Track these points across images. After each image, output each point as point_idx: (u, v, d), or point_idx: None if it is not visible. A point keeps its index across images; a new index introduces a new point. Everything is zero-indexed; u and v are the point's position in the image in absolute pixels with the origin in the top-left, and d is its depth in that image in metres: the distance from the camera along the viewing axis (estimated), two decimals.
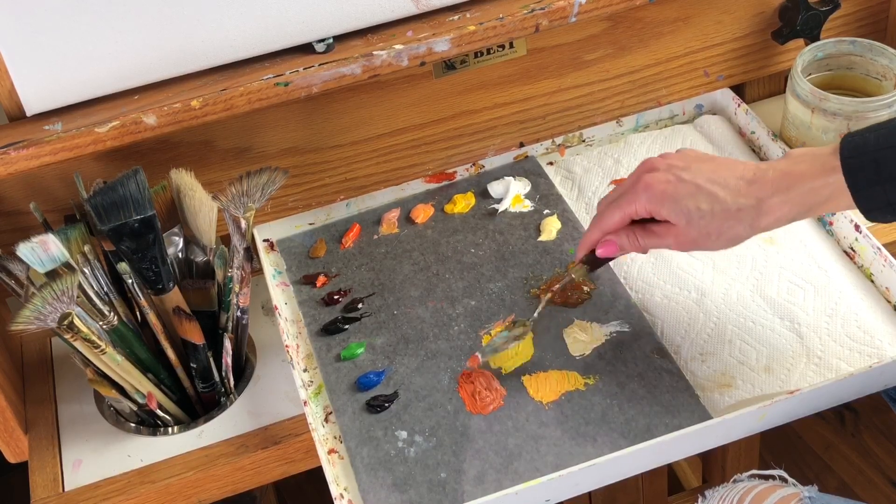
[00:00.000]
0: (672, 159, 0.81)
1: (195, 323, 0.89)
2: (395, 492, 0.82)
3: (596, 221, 0.84)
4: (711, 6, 1.09)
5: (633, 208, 0.81)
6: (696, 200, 0.78)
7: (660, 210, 0.79)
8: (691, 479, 1.45)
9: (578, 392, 0.88)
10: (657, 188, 0.79)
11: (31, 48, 0.86)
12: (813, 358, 0.88)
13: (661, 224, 0.80)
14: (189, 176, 0.90)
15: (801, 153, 0.78)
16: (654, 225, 0.81)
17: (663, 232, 0.80)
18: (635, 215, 0.81)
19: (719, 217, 0.77)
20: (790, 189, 0.76)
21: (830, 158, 0.75)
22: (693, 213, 0.78)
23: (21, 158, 0.86)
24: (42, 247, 0.83)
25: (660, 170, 0.80)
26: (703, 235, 0.79)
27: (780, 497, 0.82)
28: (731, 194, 0.77)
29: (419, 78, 1.03)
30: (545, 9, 0.95)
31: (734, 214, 0.77)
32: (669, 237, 0.80)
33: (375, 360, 0.93)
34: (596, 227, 0.84)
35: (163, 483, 0.89)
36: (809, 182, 0.75)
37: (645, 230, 0.82)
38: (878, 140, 0.73)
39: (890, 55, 1.05)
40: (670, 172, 0.79)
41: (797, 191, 0.76)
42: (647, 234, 0.82)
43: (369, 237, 1.05)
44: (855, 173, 0.73)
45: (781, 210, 0.77)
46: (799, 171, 0.76)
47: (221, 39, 0.91)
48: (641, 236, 0.82)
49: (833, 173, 0.74)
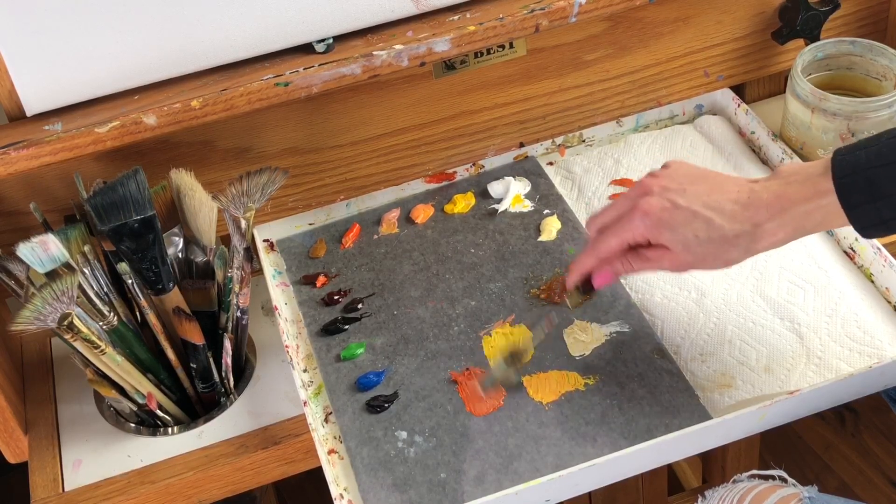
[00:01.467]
0: (664, 180, 0.80)
1: (195, 323, 0.89)
2: (395, 492, 0.82)
3: (591, 248, 0.84)
4: (711, 6, 1.09)
5: (630, 235, 0.80)
6: (692, 228, 0.78)
7: (658, 237, 0.79)
8: (691, 479, 1.45)
9: (578, 392, 0.88)
10: (654, 215, 0.79)
11: (31, 48, 0.86)
12: (813, 358, 0.88)
13: (657, 249, 0.80)
14: (189, 176, 0.90)
15: (791, 171, 0.77)
16: (648, 250, 0.81)
17: (658, 257, 0.80)
18: (632, 241, 0.81)
19: (716, 243, 0.77)
20: (784, 213, 0.76)
21: (822, 180, 0.75)
22: (690, 241, 0.78)
23: (21, 158, 0.86)
24: (42, 247, 0.83)
25: (654, 194, 0.79)
26: (699, 260, 0.79)
27: (780, 497, 0.82)
28: (727, 220, 0.77)
29: (419, 78, 1.03)
30: (545, 9, 0.95)
31: (731, 240, 0.77)
32: (665, 261, 0.80)
33: (375, 361, 0.93)
34: (592, 253, 0.84)
35: (163, 483, 0.89)
36: (803, 205, 0.75)
37: (639, 256, 0.81)
38: (870, 158, 0.73)
39: (890, 55, 1.05)
40: (664, 197, 0.79)
41: (791, 214, 0.76)
42: (642, 259, 0.81)
43: (369, 237, 1.05)
44: (848, 194, 0.73)
45: (777, 235, 0.77)
46: (792, 194, 0.76)
47: (221, 39, 0.91)
48: (636, 262, 0.82)
49: (826, 195, 0.74)
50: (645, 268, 0.82)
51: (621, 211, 0.82)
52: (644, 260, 0.81)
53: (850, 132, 1.02)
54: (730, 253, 0.78)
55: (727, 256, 0.78)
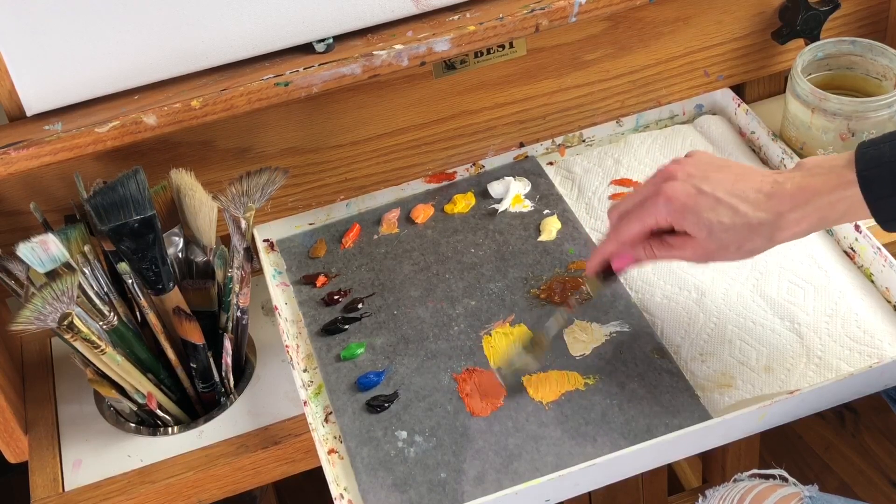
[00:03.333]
0: (688, 167, 0.80)
1: (195, 323, 0.89)
2: (395, 492, 0.82)
3: (613, 233, 0.83)
4: (711, 6, 1.09)
5: (653, 220, 0.80)
6: (717, 213, 0.77)
7: (682, 222, 0.78)
8: (691, 479, 1.45)
9: (578, 392, 0.88)
10: (678, 200, 0.78)
11: (31, 48, 0.86)
12: (813, 358, 0.88)
13: (679, 236, 0.80)
14: (189, 176, 0.90)
15: (815, 163, 0.77)
16: (671, 237, 0.80)
17: (681, 244, 0.80)
18: (655, 227, 0.80)
19: (740, 230, 0.77)
20: (807, 203, 0.76)
21: (846, 171, 0.75)
22: (714, 226, 0.77)
23: (21, 158, 0.86)
24: (42, 247, 0.83)
25: (678, 179, 0.79)
26: (722, 248, 0.78)
27: (781, 497, 0.82)
28: (751, 208, 0.77)
29: (419, 78, 1.03)
30: (545, 9, 0.95)
31: (754, 228, 0.77)
32: (687, 249, 0.80)
33: (375, 361, 0.93)
34: (613, 238, 0.83)
35: (163, 483, 0.89)
36: (826, 196, 0.75)
37: (662, 242, 0.81)
38: (894, 151, 0.73)
39: (890, 55, 1.05)
40: (689, 183, 0.78)
41: (814, 205, 0.76)
42: (664, 245, 0.81)
43: (369, 237, 1.05)
44: (871, 186, 0.73)
45: (800, 225, 0.77)
46: (815, 185, 0.76)
47: (221, 39, 0.91)
48: (658, 248, 0.81)
49: (849, 187, 0.74)
50: (667, 255, 0.81)
51: (645, 196, 0.81)
52: (667, 246, 0.80)
53: (850, 132, 1.02)
54: (753, 241, 0.77)
55: (750, 245, 0.78)
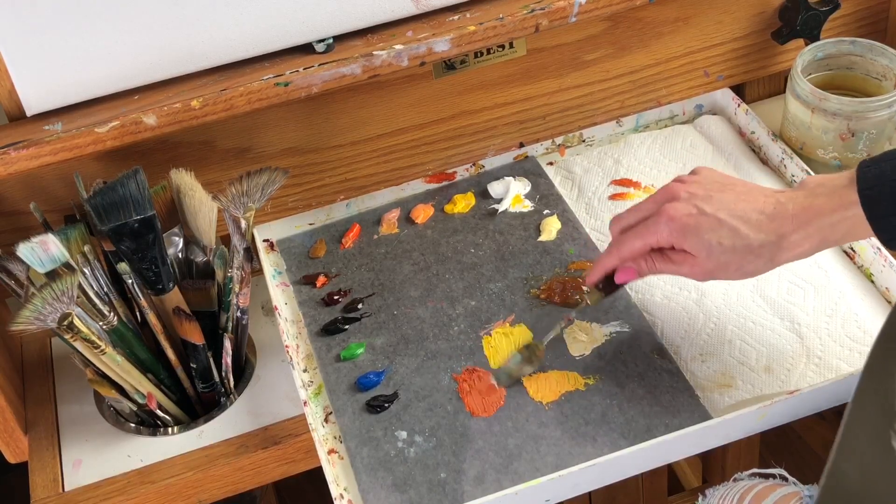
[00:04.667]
0: (692, 187, 0.81)
1: (195, 323, 0.89)
2: (395, 492, 0.82)
3: (614, 248, 0.84)
4: (711, 6, 1.09)
5: (654, 238, 0.81)
6: (717, 235, 0.78)
7: (682, 242, 0.79)
8: (691, 479, 1.45)
9: (578, 392, 0.88)
10: (679, 220, 0.79)
11: (31, 48, 0.86)
12: (813, 358, 0.88)
13: (680, 253, 0.81)
14: (189, 176, 0.90)
15: (817, 183, 0.78)
16: (672, 253, 0.81)
17: (681, 260, 0.81)
18: (656, 245, 0.81)
19: (740, 252, 0.78)
20: (810, 224, 0.76)
21: (848, 191, 0.75)
22: (714, 248, 0.78)
23: (21, 158, 0.86)
24: (42, 247, 0.83)
25: (681, 199, 0.80)
26: (721, 268, 0.79)
27: (781, 496, 0.82)
28: (752, 230, 0.77)
29: (419, 78, 1.03)
30: (545, 9, 0.95)
31: (755, 250, 0.77)
32: (686, 266, 0.80)
33: (375, 361, 0.93)
34: (614, 253, 0.84)
35: (163, 483, 0.89)
36: (828, 217, 0.76)
37: (663, 257, 0.82)
38: (895, 169, 0.73)
39: (890, 55, 1.05)
40: (691, 203, 0.79)
41: (816, 225, 0.76)
42: (665, 261, 0.82)
43: (369, 237, 1.05)
44: (874, 205, 0.73)
45: (802, 246, 0.77)
46: (818, 206, 0.76)
47: (221, 39, 0.91)
48: (660, 262, 0.82)
49: (851, 207, 0.74)
50: (667, 269, 0.82)
51: (646, 213, 0.82)
52: (668, 261, 0.81)
53: (850, 132, 1.02)
54: (753, 263, 0.78)
55: (749, 267, 0.78)
